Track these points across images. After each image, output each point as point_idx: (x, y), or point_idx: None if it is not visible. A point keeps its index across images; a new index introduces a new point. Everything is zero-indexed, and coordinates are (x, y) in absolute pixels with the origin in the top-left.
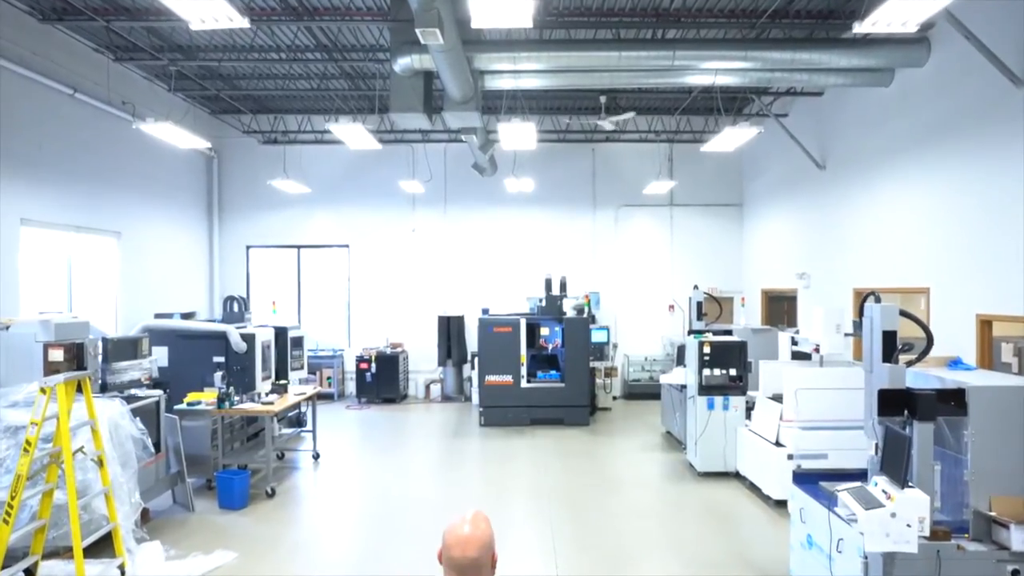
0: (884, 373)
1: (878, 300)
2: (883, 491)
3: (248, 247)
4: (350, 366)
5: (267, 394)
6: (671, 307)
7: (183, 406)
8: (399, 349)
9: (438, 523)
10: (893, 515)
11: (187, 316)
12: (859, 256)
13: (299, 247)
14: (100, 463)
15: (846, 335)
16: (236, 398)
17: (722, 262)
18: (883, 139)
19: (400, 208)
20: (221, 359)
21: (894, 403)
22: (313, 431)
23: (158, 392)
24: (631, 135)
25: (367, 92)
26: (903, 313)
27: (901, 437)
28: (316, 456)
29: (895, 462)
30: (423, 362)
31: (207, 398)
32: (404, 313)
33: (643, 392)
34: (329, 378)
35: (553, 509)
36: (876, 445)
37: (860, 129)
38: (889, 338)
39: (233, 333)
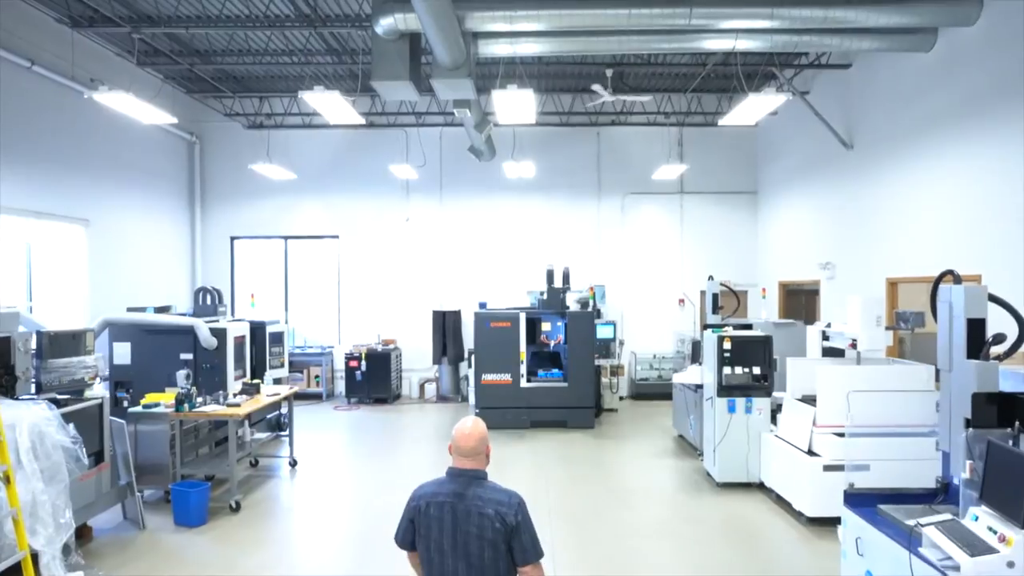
0: (970, 372)
1: (958, 280)
2: (989, 528)
3: (233, 238)
4: (340, 364)
5: (235, 395)
6: (681, 301)
7: (138, 408)
8: (391, 346)
9: None
10: (1011, 564)
11: (162, 311)
12: (893, 242)
13: (286, 238)
14: (7, 480)
15: (887, 328)
16: (199, 399)
17: (736, 253)
18: (921, 112)
19: (393, 196)
20: (189, 356)
21: (994, 410)
22: (290, 435)
23: (101, 393)
24: (638, 117)
25: (351, 65)
26: (992, 298)
27: (1014, 457)
28: (293, 463)
29: (1005, 490)
30: (417, 360)
31: (168, 399)
32: (397, 308)
33: (651, 392)
34: (317, 377)
35: (554, 524)
36: (971, 466)
37: (894, 103)
38: (976, 328)
39: (202, 327)
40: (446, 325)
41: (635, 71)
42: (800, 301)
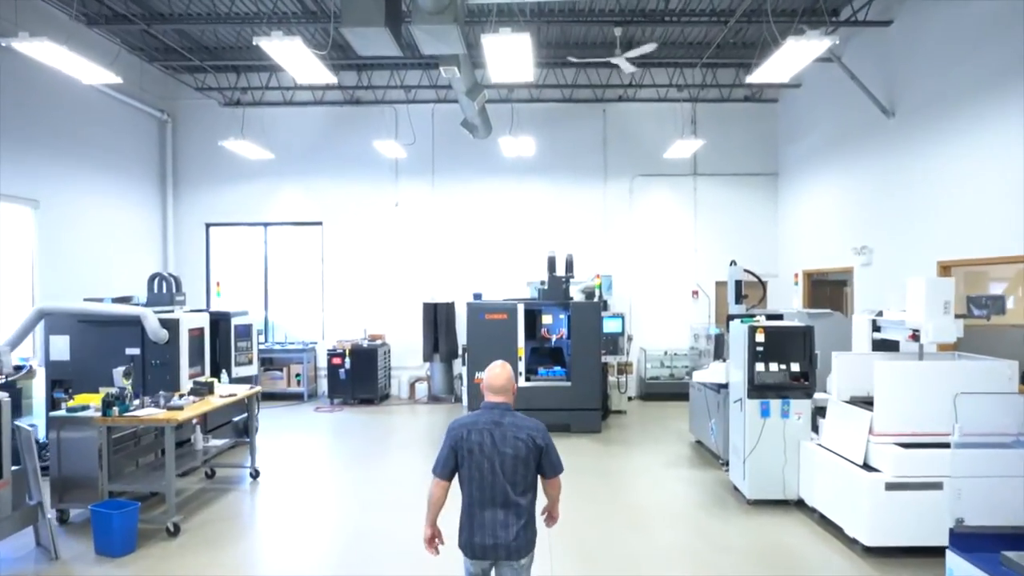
0: None
1: None
2: None
3: (208, 225)
4: (324, 361)
5: (181, 395)
6: (695, 293)
7: (62, 412)
8: (379, 342)
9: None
10: None
11: (123, 302)
12: (944, 220)
13: (266, 225)
14: None
15: (957, 317)
16: (136, 401)
17: (755, 241)
18: (980, 68)
19: (381, 179)
20: (136, 351)
21: None
22: (251, 442)
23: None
24: (648, 92)
25: (326, 24)
26: None
27: None
28: (255, 475)
29: None
30: (407, 357)
31: (99, 401)
32: (385, 300)
33: (663, 392)
34: (298, 375)
35: (555, 552)
36: None
37: (946, 59)
38: None
39: (150, 318)
40: (438, 319)
41: (646, 31)
42: (825, 294)
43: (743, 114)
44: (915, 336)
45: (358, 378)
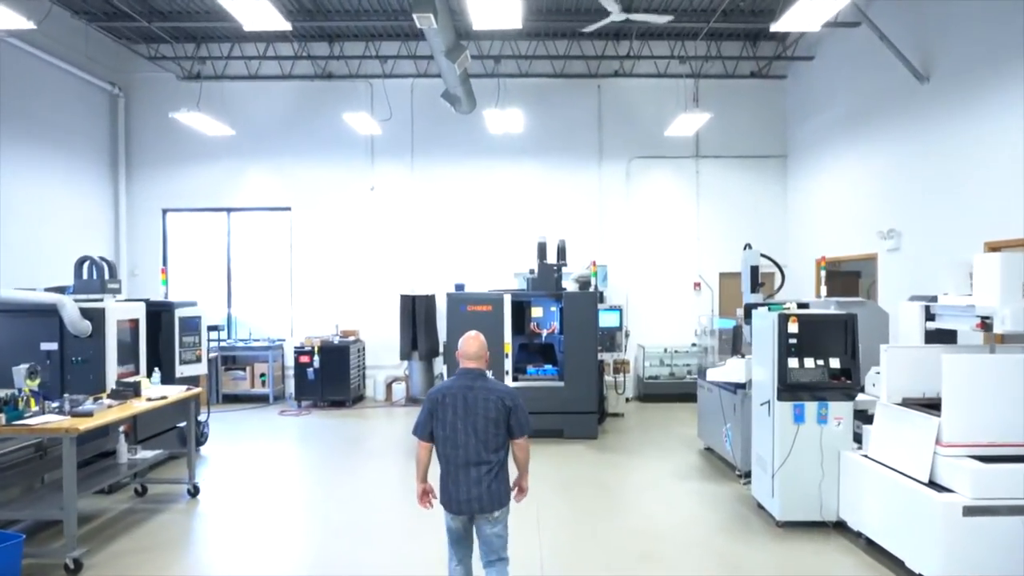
0: None
1: None
2: None
3: (164, 210)
4: (291, 360)
5: (97, 399)
6: (697, 285)
7: None
8: (352, 338)
9: None
10: None
11: (57, 292)
12: (992, 195)
13: (229, 210)
14: None
15: None
16: (35, 407)
17: (762, 227)
18: None
19: (355, 161)
20: (53, 346)
21: None
22: (189, 452)
23: None
24: (646, 65)
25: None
26: None
27: None
28: (193, 492)
29: None
30: (384, 354)
31: None
32: (360, 293)
33: (663, 393)
34: (263, 375)
35: None
36: None
37: (991, 12)
38: None
39: (68, 307)
40: (416, 313)
41: None
42: (838, 284)
43: (749, 91)
44: (985, 324)
45: (328, 378)
